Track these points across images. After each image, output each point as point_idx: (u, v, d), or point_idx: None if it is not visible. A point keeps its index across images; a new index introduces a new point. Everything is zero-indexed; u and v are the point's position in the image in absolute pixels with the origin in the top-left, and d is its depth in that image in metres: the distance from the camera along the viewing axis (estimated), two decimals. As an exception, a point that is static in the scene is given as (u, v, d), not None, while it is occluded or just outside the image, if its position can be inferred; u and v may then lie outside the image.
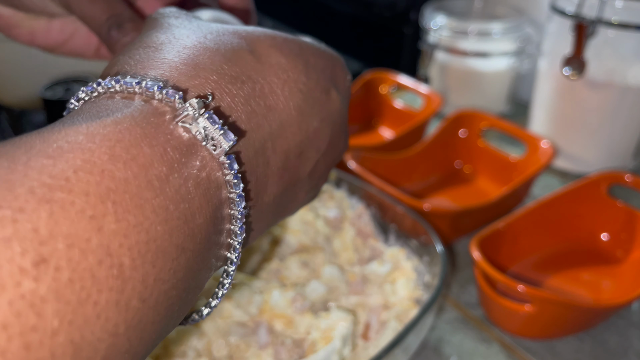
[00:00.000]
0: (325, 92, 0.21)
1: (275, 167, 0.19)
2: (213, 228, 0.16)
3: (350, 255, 0.43)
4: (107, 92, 0.17)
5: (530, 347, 0.40)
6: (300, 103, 0.20)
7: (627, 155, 0.59)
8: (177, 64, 0.18)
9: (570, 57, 0.53)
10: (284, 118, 0.19)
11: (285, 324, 0.37)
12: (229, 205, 0.17)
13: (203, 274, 0.17)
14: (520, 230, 0.46)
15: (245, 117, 0.18)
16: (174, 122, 0.16)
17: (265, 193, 0.19)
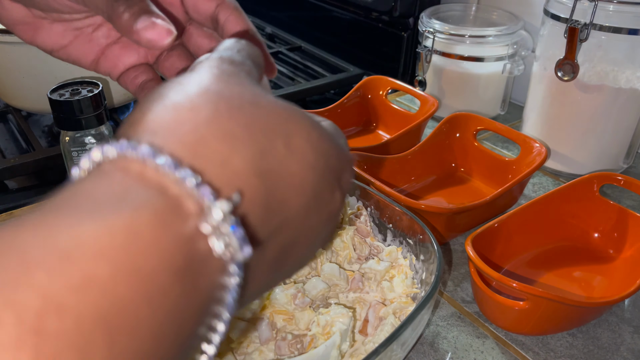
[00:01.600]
0: (331, 193, 0.21)
1: (269, 258, 0.19)
2: (199, 328, 0.16)
3: (349, 253, 0.43)
4: (137, 162, 0.15)
5: (524, 342, 0.41)
6: (310, 202, 0.19)
7: (619, 157, 0.60)
8: (213, 143, 0.16)
9: (563, 60, 0.55)
10: (291, 214, 0.19)
11: (287, 320, 0.37)
12: (219, 303, 0.16)
13: None
14: (514, 228, 0.47)
15: (259, 214, 0.17)
16: (197, 226, 0.15)
17: (253, 283, 0.18)
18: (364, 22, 0.86)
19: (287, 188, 0.18)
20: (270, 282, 0.21)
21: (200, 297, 0.15)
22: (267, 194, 0.17)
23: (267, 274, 0.19)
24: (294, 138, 0.19)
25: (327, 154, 0.20)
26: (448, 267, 0.48)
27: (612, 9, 0.53)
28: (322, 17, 0.95)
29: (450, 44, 0.69)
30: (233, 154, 0.17)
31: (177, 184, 0.15)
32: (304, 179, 0.19)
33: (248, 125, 0.17)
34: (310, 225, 0.20)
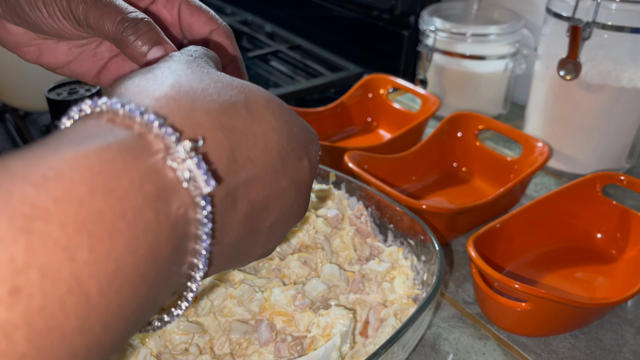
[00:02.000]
0: (299, 159, 0.23)
1: (241, 212, 0.20)
2: (176, 258, 0.18)
3: (349, 254, 0.43)
4: (110, 112, 0.18)
5: (526, 344, 0.40)
6: (276, 162, 0.21)
7: (622, 156, 0.60)
8: (177, 102, 0.19)
9: (566, 59, 0.54)
10: (259, 171, 0.21)
11: (286, 322, 0.37)
12: (195, 240, 0.18)
13: (161, 299, 0.18)
14: (517, 229, 0.47)
15: (226, 164, 0.19)
16: (164, 160, 0.17)
17: (228, 234, 0.20)
18: (364, 21, 0.86)
19: (252, 146, 0.20)
20: (246, 243, 0.22)
21: (172, 223, 0.17)
22: (231, 147, 0.19)
23: (242, 230, 0.21)
24: (254, 105, 0.21)
25: (289, 122, 0.23)
26: (449, 268, 0.48)
27: (614, 8, 0.52)
28: (322, 15, 0.94)
29: (452, 42, 0.69)
30: (196, 109, 0.19)
31: (143, 126, 0.17)
32: (269, 140, 0.21)
33: (210, 91, 0.20)
34: (281, 189, 0.22)
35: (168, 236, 0.17)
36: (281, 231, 0.24)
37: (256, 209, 0.21)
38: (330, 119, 0.68)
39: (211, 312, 0.37)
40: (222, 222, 0.19)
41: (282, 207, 0.22)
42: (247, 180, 0.20)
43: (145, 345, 0.35)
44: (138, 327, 0.17)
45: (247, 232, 0.21)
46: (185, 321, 0.36)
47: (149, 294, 0.16)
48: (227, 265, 0.22)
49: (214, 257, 0.20)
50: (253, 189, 0.20)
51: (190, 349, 0.35)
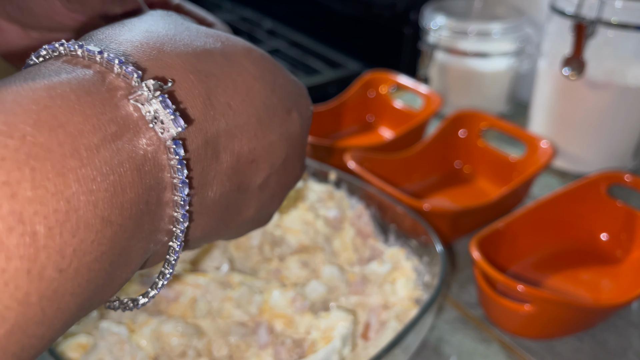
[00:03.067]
0: (287, 112, 0.22)
1: (225, 164, 0.19)
2: (148, 207, 0.16)
3: (350, 255, 0.43)
4: (68, 55, 0.17)
5: (530, 347, 0.40)
6: (261, 113, 0.20)
7: (627, 155, 0.59)
8: (144, 45, 0.18)
9: (570, 57, 0.54)
10: (242, 121, 0.19)
11: (286, 324, 0.37)
12: (171, 190, 0.17)
13: (135, 252, 0.17)
14: (520, 230, 0.46)
15: (201, 108, 0.18)
16: (126, 98, 0.16)
17: (211, 188, 0.19)
18: (365, 18, 0.85)
19: (232, 93, 0.19)
20: (236, 202, 0.21)
21: (137, 164, 0.16)
22: (207, 92, 0.18)
23: (228, 186, 0.19)
24: (232, 52, 0.20)
25: (273, 71, 0.21)
26: (452, 270, 0.47)
27: (619, 5, 0.52)
28: (322, 12, 0.94)
29: (454, 39, 0.68)
30: (165, 51, 0.18)
31: (103, 65, 0.16)
32: (251, 88, 0.20)
33: (183, 36, 0.19)
34: (268, 143, 0.21)
35: (133, 179, 0.15)
36: (275, 193, 0.23)
37: (242, 162, 0.20)
38: (330, 118, 0.67)
39: (209, 315, 0.37)
40: (203, 173, 0.18)
41: (272, 164, 0.21)
42: (228, 129, 0.19)
43: (142, 348, 0.34)
44: (110, 283, 0.16)
45: (235, 188, 0.20)
46: (183, 323, 0.36)
47: (115, 242, 0.15)
48: (215, 225, 0.21)
49: (197, 212, 0.19)
50: (236, 140, 0.19)
51: (188, 352, 0.35)
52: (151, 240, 0.17)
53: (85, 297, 0.15)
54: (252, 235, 0.42)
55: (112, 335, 0.34)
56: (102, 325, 0.35)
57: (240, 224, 0.22)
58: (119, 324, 0.36)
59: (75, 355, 0.34)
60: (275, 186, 0.22)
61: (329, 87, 0.80)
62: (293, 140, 0.22)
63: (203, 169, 0.18)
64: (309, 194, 0.46)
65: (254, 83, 0.20)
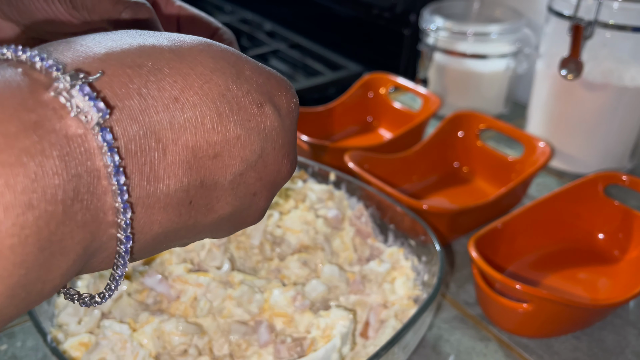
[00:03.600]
0: (257, 105, 0.21)
1: (175, 157, 0.19)
2: (77, 195, 0.16)
3: (349, 254, 0.43)
4: (14, 59, 0.17)
5: (528, 345, 0.40)
6: (219, 106, 0.20)
7: (624, 156, 0.60)
8: (84, 46, 0.18)
9: (568, 58, 0.54)
10: (194, 114, 0.19)
11: (286, 323, 0.37)
12: (107, 178, 0.17)
13: (71, 241, 0.17)
14: (518, 229, 0.46)
15: (137, 100, 0.18)
16: (46, 90, 0.16)
17: (164, 181, 0.19)
18: (364, 19, 0.85)
19: (181, 87, 0.19)
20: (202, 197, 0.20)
21: (59, 150, 0.16)
22: (147, 85, 0.18)
23: (185, 179, 0.19)
24: (185, 48, 0.20)
25: (237, 64, 0.21)
26: (450, 269, 0.47)
27: (616, 7, 0.52)
28: (322, 13, 0.94)
29: (453, 41, 0.68)
30: (104, 51, 0.18)
31: (27, 63, 0.17)
32: (206, 82, 0.20)
33: (129, 39, 0.19)
34: (234, 136, 0.20)
35: (57, 165, 0.16)
36: (257, 190, 0.22)
37: (201, 157, 0.20)
38: (330, 119, 0.67)
39: (210, 313, 0.37)
40: (151, 166, 0.18)
41: (244, 159, 0.21)
42: (174, 122, 0.19)
43: (144, 347, 0.35)
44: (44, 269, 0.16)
45: (198, 184, 0.20)
46: (184, 322, 0.36)
47: (41, 227, 0.15)
48: (179, 221, 0.20)
49: (149, 206, 0.19)
50: (187, 132, 0.19)
51: (189, 351, 0.35)
52: (90, 230, 0.17)
53: (15, 280, 0.15)
54: (252, 235, 0.42)
55: (114, 334, 0.34)
56: (104, 324, 0.35)
57: (217, 221, 0.22)
58: (121, 322, 0.36)
59: (77, 354, 0.34)
60: (255, 183, 0.22)
61: (329, 88, 0.80)
62: (269, 133, 0.22)
63: (150, 161, 0.18)
64: (309, 194, 0.46)
65: (212, 76, 0.20)
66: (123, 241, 0.18)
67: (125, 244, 0.18)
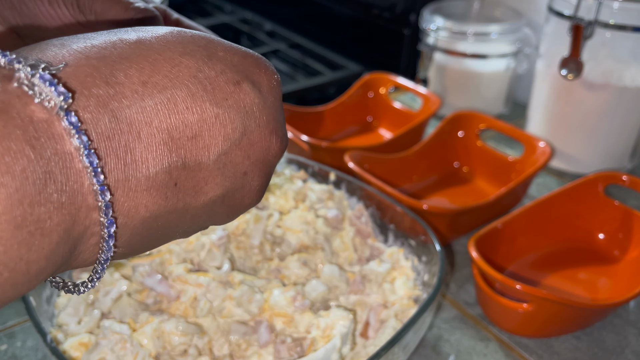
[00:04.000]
0: (234, 83, 0.21)
1: (151, 140, 0.19)
2: (50, 176, 0.17)
3: (349, 254, 0.43)
4: None
5: (528, 345, 0.40)
6: (191, 87, 0.20)
7: (624, 156, 0.60)
8: (50, 44, 0.19)
9: (568, 58, 0.54)
10: (164, 96, 0.19)
11: (286, 323, 0.37)
12: (80, 160, 0.17)
13: (50, 222, 0.17)
14: (518, 229, 0.46)
15: (104, 87, 0.18)
16: (8, 80, 0.17)
17: (143, 164, 0.19)
18: (364, 19, 0.85)
19: (149, 72, 0.19)
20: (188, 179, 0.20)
21: (25, 134, 0.16)
22: (113, 73, 0.19)
23: (165, 162, 0.20)
24: (152, 37, 0.20)
25: (208, 46, 0.21)
26: (450, 269, 0.47)
27: (616, 7, 0.52)
28: (323, 13, 0.94)
29: (453, 41, 0.68)
30: (70, 46, 0.19)
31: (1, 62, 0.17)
32: (176, 65, 0.20)
33: (99, 34, 0.20)
34: (212, 115, 0.20)
35: (22, 147, 0.16)
36: (247, 169, 0.22)
37: (178, 137, 0.20)
38: (330, 119, 0.67)
39: (210, 313, 0.37)
40: (127, 149, 0.19)
41: (226, 137, 0.21)
42: (145, 106, 0.19)
43: (143, 347, 0.35)
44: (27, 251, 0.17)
45: (180, 165, 0.20)
46: (184, 322, 0.36)
47: (13, 205, 0.16)
48: (166, 204, 0.20)
49: (131, 189, 0.19)
50: (160, 114, 0.19)
51: (189, 351, 0.35)
52: (69, 212, 0.18)
53: None
54: (252, 235, 0.42)
55: (114, 334, 0.34)
56: (104, 324, 0.35)
57: (210, 204, 0.22)
58: (121, 323, 0.36)
59: (77, 354, 0.34)
60: (243, 162, 0.22)
61: (329, 88, 0.80)
62: (249, 110, 0.22)
63: (124, 144, 0.19)
64: (309, 194, 0.46)
65: (181, 59, 0.20)
66: (105, 224, 0.19)
67: (108, 227, 0.19)
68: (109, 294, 0.37)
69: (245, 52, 0.23)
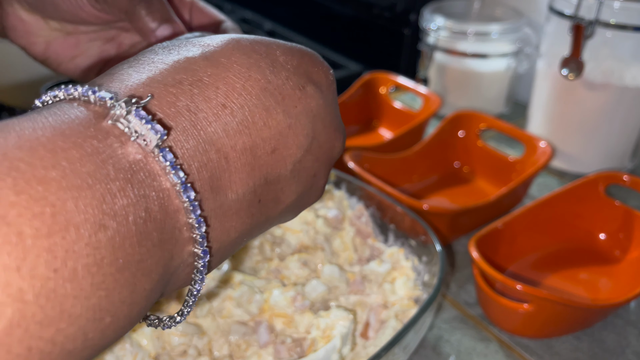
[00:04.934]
0: (300, 88, 0.21)
1: (237, 163, 0.19)
2: (149, 215, 0.16)
3: (349, 254, 0.43)
4: (67, 98, 0.18)
5: (529, 346, 0.40)
6: (264, 100, 0.20)
7: (625, 155, 0.60)
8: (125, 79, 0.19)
9: (569, 58, 0.54)
10: (244, 116, 0.19)
11: (286, 323, 0.37)
12: (177, 196, 0.17)
13: (151, 261, 0.17)
14: (519, 229, 0.46)
15: (187, 115, 0.18)
16: (103, 119, 0.17)
17: (230, 189, 0.19)
18: (364, 18, 0.85)
19: (224, 92, 0.19)
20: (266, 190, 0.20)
21: (124, 172, 0.16)
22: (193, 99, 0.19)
23: (250, 182, 0.19)
24: (216, 52, 0.20)
25: (269, 53, 0.21)
26: (451, 269, 0.47)
27: (617, 6, 0.52)
28: (322, 13, 0.94)
29: (453, 40, 0.68)
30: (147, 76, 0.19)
31: (81, 98, 0.17)
32: (247, 80, 0.20)
33: (164, 56, 0.20)
34: (286, 127, 0.20)
35: (123, 187, 0.16)
36: (317, 171, 0.22)
37: (260, 155, 0.19)
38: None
39: (210, 314, 0.37)
40: (214, 177, 0.18)
41: (300, 145, 0.21)
42: (228, 129, 0.19)
43: (143, 348, 0.34)
44: (130, 292, 0.16)
45: (262, 182, 0.20)
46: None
47: (116, 248, 0.15)
48: (251, 222, 0.20)
49: (221, 216, 0.19)
50: (242, 135, 0.19)
51: (188, 351, 0.35)
52: (167, 248, 0.17)
53: (95, 302, 0.15)
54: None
55: (114, 334, 0.34)
56: (104, 324, 0.35)
57: (284, 210, 0.22)
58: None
59: (76, 354, 0.34)
60: (313, 165, 0.22)
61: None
62: (316, 113, 0.21)
63: (212, 173, 0.18)
64: (309, 194, 0.46)
65: (249, 73, 0.20)
66: (200, 255, 0.18)
67: (203, 258, 0.18)
68: (108, 294, 0.37)
69: (301, 51, 0.23)
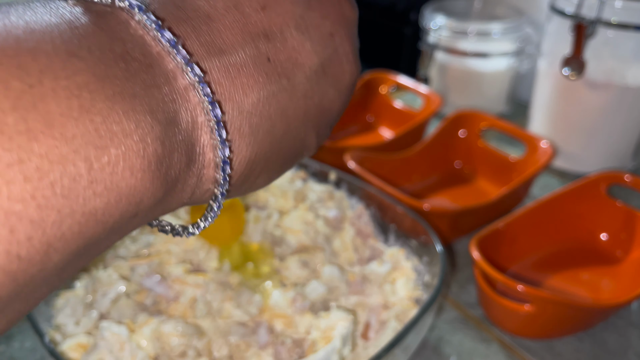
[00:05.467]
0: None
1: (224, 20, 0.19)
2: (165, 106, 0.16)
3: (350, 255, 0.43)
4: None
5: (530, 346, 0.40)
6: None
7: (627, 155, 0.59)
8: None
9: (570, 57, 0.54)
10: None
11: (285, 324, 0.37)
12: (191, 89, 0.17)
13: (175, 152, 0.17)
14: (520, 230, 0.46)
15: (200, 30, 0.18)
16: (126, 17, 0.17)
17: (223, 43, 0.19)
18: (364, 17, 0.85)
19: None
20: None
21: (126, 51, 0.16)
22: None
23: (241, 39, 0.19)
24: None
25: None
26: (452, 270, 0.47)
27: (619, 5, 0.52)
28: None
29: (454, 39, 0.68)
30: None
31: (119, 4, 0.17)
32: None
33: None
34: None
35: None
36: (328, 29, 0.22)
37: (249, 12, 0.20)
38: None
39: (209, 314, 0.37)
40: (201, 31, 0.18)
41: (293, 1, 0.21)
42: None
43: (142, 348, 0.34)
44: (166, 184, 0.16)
45: (263, 38, 0.20)
46: (183, 323, 0.36)
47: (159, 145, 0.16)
48: (269, 80, 0.20)
49: (223, 67, 0.19)
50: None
51: (188, 352, 0.35)
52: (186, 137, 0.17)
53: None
54: (252, 234, 0.42)
55: (113, 336, 0.34)
56: (103, 325, 0.35)
57: (312, 76, 0.22)
58: (119, 324, 0.36)
59: (75, 355, 0.34)
60: (323, 22, 0.22)
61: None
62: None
63: (194, 27, 0.18)
64: (309, 194, 0.46)
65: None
66: (208, 108, 0.18)
67: (225, 161, 0.18)
68: (107, 295, 0.37)
69: None
